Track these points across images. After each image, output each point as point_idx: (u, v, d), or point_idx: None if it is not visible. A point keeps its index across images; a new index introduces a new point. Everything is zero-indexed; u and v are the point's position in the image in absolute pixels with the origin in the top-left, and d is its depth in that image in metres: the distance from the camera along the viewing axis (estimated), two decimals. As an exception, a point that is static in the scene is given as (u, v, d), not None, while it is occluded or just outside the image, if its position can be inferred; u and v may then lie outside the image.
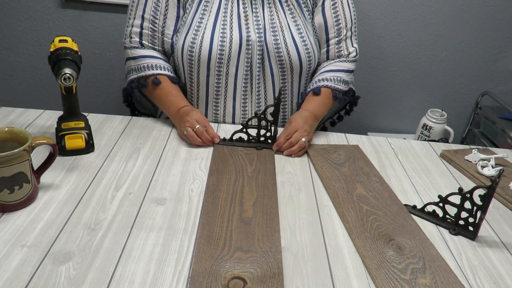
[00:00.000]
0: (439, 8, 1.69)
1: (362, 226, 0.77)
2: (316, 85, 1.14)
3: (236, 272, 0.63)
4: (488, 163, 0.98)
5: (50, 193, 0.78)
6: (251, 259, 0.66)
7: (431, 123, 1.61)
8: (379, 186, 0.90)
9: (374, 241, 0.73)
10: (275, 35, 1.09)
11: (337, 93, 1.14)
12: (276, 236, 0.72)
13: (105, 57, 1.78)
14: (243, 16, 1.09)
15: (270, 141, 1.01)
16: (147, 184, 0.84)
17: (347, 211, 0.80)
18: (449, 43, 1.76)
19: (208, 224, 0.72)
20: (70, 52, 0.85)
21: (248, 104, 1.14)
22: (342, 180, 0.91)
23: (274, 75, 1.13)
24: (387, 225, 0.77)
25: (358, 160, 1.00)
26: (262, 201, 0.81)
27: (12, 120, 1.03)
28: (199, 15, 1.08)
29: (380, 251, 0.71)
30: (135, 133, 1.03)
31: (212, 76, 1.10)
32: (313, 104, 1.11)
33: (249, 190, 0.83)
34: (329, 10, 1.15)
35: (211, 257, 0.65)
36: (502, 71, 1.82)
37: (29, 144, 0.71)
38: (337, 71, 1.16)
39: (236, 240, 0.70)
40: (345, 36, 1.18)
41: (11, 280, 0.59)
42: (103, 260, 0.64)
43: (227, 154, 0.95)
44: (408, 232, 0.76)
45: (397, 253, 0.71)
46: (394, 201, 0.85)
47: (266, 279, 0.62)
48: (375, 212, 0.81)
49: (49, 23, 1.71)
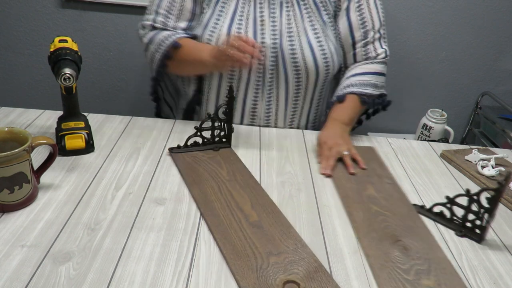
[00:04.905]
0: (439, 8, 1.69)
1: (369, 226, 0.76)
2: (342, 92, 1.10)
3: (283, 277, 0.63)
4: (488, 163, 0.98)
5: (50, 193, 0.78)
6: (287, 260, 0.66)
7: (431, 123, 1.61)
8: (391, 187, 0.89)
9: (380, 241, 0.73)
10: (291, 40, 1.07)
11: (365, 98, 1.09)
12: (293, 232, 0.73)
13: (105, 57, 1.79)
14: (259, 20, 1.07)
15: (224, 140, 0.99)
16: (147, 184, 0.84)
17: (355, 211, 0.80)
18: (449, 43, 1.76)
19: (225, 238, 0.70)
20: (70, 52, 0.85)
21: (258, 108, 1.13)
22: (354, 180, 0.90)
23: (289, 81, 1.10)
24: (395, 226, 0.77)
25: (372, 161, 0.98)
26: (257, 202, 0.80)
27: (12, 120, 1.03)
28: (215, 16, 1.07)
29: (386, 251, 0.70)
30: (135, 133, 1.03)
31: (224, 78, 1.10)
32: (339, 111, 1.07)
33: (238, 194, 0.82)
34: (354, 12, 1.11)
35: (250, 269, 0.64)
36: (502, 71, 1.82)
37: (29, 144, 0.71)
38: (363, 74, 1.11)
39: (261, 246, 0.69)
40: (373, 38, 1.13)
41: (11, 280, 0.59)
42: (103, 260, 0.64)
43: (192, 162, 0.91)
44: (415, 233, 0.76)
45: (403, 254, 0.70)
46: (404, 202, 0.85)
47: (312, 274, 0.64)
48: (384, 213, 0.80)
49: (49, 23, 1.71)
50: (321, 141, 1.00)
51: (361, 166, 0.95)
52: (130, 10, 1.70)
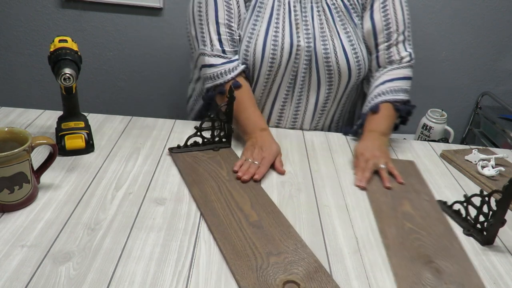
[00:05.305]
0: (439, 8, 1.69)
1: (401, 244, 0.72)
2: (374, 102, 1.06)
3: (283, 277, 0.63)
4: (488, 163, 0.98)
5: (50, 193, 0.78)
6: (287, 260, 0.66)
7: (431, 123, 1.61)
8: (428, 205, 0.84)
9: (411, 260, 0.69)
10: (325, 43, 1.06)
11: (398, 105, 1.06)
12: (292, 231, 0.73)
13: (105, 57, 1.79)
14: (294, 24, 1.06)
15: (224, 140, 0.99)
16: (147, 184, 0.84)
17: (387, 227, 0.76)
18: (449, 43, 1.76)
19: (225, 238, 0.70)
20: (70, 52, 0.85)
21: (286, 111, 1.13)
22: (389, 195, 0.86)
23: (321, 83, 1.10)
24: (429, 246, 0.72)
25: (410, 176, 0.94)
26: (257, 202, 0.80)
27: (12, 120, 1.03)
28: (252, 21, 1.07)
29: (416, 272, 0.66)
30: (135, 133, 1.03)
31: (260, 83, 1.09)
32: (375, 122, 1.04)
33: (238, 194, 0.82)
34: (378, 13, 1.08)
35: (250, 269, 0.64)
36: (502, 71, 1.82)
37: (29, 144, 0.71)
38: (393, 81, 1.08)
39: (261, 246, 0.69)
40: (396, 41, 1.09)
41: (11, 280, 0.59)
42: (103, 260, 0.64)
43: (192, 162, 0.91)
44: (451, 255, 0.71)
45: (434, 277, 0.66)
46: (442, 222, 0.79)
47: (312, 274, 0.64)
48: (418, 231, 0.76)
49: (49, 23, 1.71)
50: (358, 153, 0.96)
51: (399, 181, 0.91)
52: (130, 10, 1.70)
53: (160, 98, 1.87)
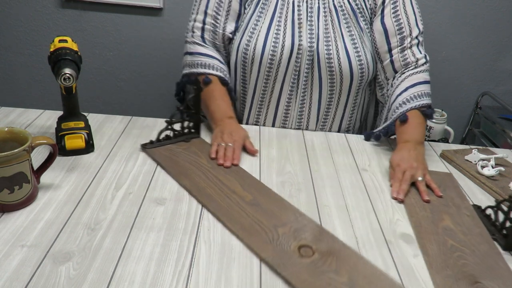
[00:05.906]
0: (439, 8, 1.69)
1: (444, 262, 0.69)
2: (400, 111, 1.03)
3: (295, 243, 0.69)
4: (488, 163, 0.98)
5: (50, 193, 0.78)
6: (293, 229, 0.72)
7: (431, 123, 1.61)
8: (470, 220, 0.80)
9: (456, 280, 0.65)
10: (328, 45, 1.06)
11: (425, 110, 1.04)
12: (286, 204, 0.80)
13: (105, 57, 1.79)
14: (297, 23, 1.07)
15: (193, 131, 1.01)
16: (147, 184, 0.84)
17: (428, 243, 0.73)
18: (449, 43, 1.76)
19: (231, 220, 0.74)
20: (70, 52, 0.85)
21: (291, 111, 1.14)
22: (428, 209, 0.83)
23: (323, 84, 1.10)
24: (474, 265, 0.69)
25: (449, 189, 0.90)
26: (245, 183, 0.84)
27: (12, 120, 1.03)
28: (255, 17, 1.08)
29: None
30: (135, 133, 1.03)
31: (260, 79, 1.10)
32: (407, 132, 1.01)
33: (225, 179, 0.85)
34: (389, 18, 1.07)
35: (265, 242, 0.69)
36: (502, 71, 1.82)
37: (29, 144, 0.71)
38: (414, 86, 1.05)
39: (266, 221, 0.74)
40: (410, 44, 1.08)
41: (11, 280, 0.59)
42: (103, 260, 0.64)
43: (169, 155, 0.92)
44: (497, 276, 0.67)
45: None
46: (486, 239, 0.76)
47: (318, 237, 0.71)
48: (462, 249, 0.72)
49: (49, 23, 1.71)
50: (394, 164, 0.93)
51: (437, 194, 0.87)
52: (130, 10, 1.70)
53: (160, 98, 1.87)
